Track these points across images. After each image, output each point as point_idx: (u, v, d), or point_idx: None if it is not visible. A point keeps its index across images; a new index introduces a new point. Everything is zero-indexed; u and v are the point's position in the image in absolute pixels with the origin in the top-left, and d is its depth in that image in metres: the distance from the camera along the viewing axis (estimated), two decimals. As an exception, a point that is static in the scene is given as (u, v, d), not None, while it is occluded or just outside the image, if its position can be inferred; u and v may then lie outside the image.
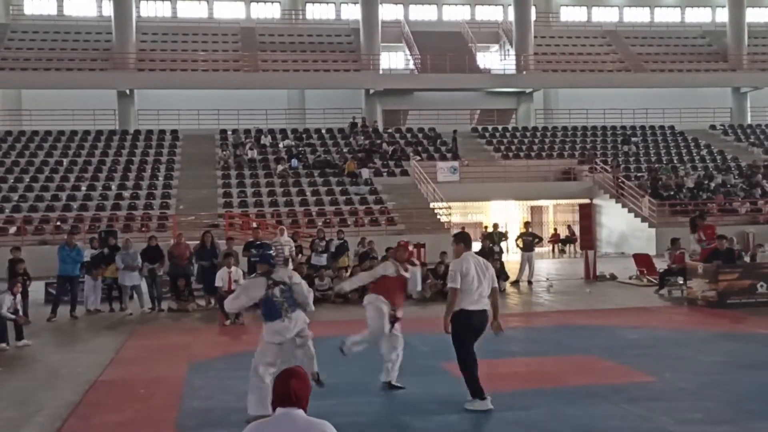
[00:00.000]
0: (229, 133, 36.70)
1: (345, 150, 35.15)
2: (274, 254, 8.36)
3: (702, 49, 47.10)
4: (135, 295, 17.23)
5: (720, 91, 44.61)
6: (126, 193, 30.13)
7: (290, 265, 17.86)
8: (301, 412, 3.81)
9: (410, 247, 9.83)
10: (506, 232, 27.54)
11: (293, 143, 35.65)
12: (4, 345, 12.45)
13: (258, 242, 17.43)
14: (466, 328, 8.01)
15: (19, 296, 13.26)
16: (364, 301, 9.30)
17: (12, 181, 30.84)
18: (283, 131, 37.49)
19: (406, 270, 9.23)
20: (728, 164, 36.67)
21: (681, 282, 17.92)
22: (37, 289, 17.13)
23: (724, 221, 29.19)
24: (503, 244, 22.99)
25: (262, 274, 8.16)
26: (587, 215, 34.23)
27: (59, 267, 16.54)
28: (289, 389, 3.83)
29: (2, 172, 31.69)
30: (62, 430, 7.73)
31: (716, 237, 17.71)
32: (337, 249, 19.68)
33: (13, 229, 26.40)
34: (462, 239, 8.43)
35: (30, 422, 8.02)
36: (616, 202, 32.05)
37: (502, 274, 19.92)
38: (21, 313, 13.25)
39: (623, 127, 40.88)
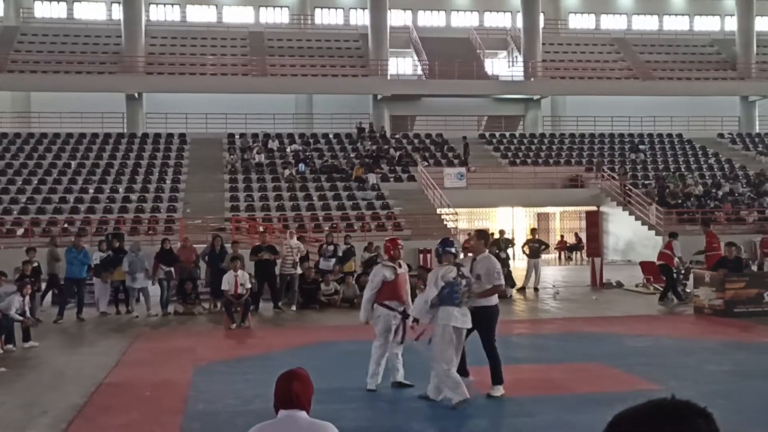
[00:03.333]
0: (237, 137, 36.76)
1: (352, 155, 35.17)
2: (454, 250, 8.88)
3: (710, 57, 47.02)
4: (142, 298, 17.27)
5: (728, 99, 44.53)
6: (133, 196, 30.18)
7: (298, 269, 18.01)
8: (304, 414, 3.80)
9: (399, 242, 9.90)
10: (513, 238, 27.52)
11: (301, 148, 35.68)
12: (10, 346, 12.50)
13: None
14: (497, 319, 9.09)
15: (27, 298, 13.31)
16: (375, 313, 9.31)
17: (20, 183, 30.93)
18: (290, 136, 37.53)
19: (400, 266, 9.47)
20: (736, 173, 36.56)
21: (688, 291, 17.87)
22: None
23: (732, 230, 29.12)
24: (510, 251, 22.96)
25: (454, 264, 8.63)
26: (594, 222, 34.20)
27: (66, 269, 16.60)
28: (291, 391, 3.81)
29: (11, 173, 31.78)
30: (68, 431, 7.75)
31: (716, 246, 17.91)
32: (345, 254, 19.70)
33: (20, 231, 26.47)
34: (486, 236, 9.50)
35: (36, 423, 8.05)
36: (623, 209, 31.98)
37: (508, 280, 19.91)
38: (28, 314, 13.30)
39: (631, 135, 40.81)
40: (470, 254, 9.12)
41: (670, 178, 33.83)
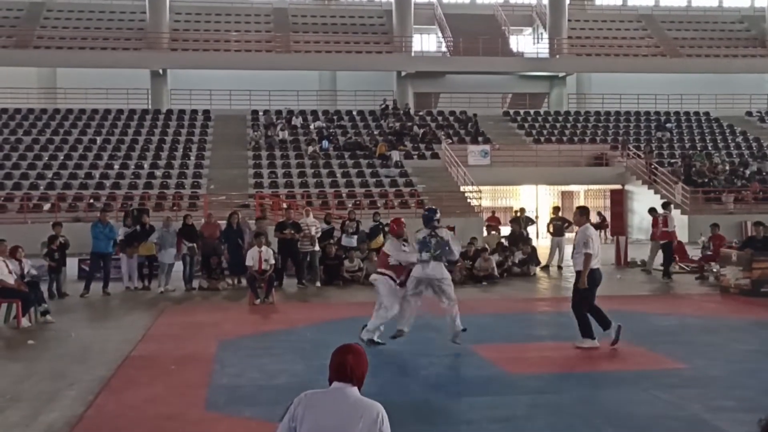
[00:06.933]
0: (261, 113, 36.79)
1: (376, 132, 35.10)
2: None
3: (739, 34, 46.30)
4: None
5: (757, 77, 43.89)
6: (158, 172, 30.35)
7: (316, 246, 18.05)
8: (355, 389, 3.80)
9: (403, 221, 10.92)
10: (537, 216, 27.40)
11: (324, 125, 35.66)
12: (25, 320, 12.37)
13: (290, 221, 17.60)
14: (594, 282, 10.05)
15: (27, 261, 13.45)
16: (371, 278, 10.60)
17: (46, 158, 31.19)
18: (314, 112, 37.51)
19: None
20: (764, 151, 36.10)
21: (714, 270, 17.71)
22: (70, 266, 17.30)
23: (759, 209, 28.80)
24: (531, 229, 22.89)
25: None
26: (619, 201, 33.90)
27: (93, 244, 16.71)
28: (346, 364, 3.79)
29: (37, 149, 32.06)
30: (94, 404, 7.83)
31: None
32: (372, 230, 19.62)
33: (47, 206, 26.73)
34: (585, 212, 10.51)
35: (63, 395, 8.14)
36: (649, 188, 31.70)
37: (533, 259, 19.84)
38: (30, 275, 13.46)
39: (657, 113, 40.38)
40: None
41: (697, 157, 33.45)
